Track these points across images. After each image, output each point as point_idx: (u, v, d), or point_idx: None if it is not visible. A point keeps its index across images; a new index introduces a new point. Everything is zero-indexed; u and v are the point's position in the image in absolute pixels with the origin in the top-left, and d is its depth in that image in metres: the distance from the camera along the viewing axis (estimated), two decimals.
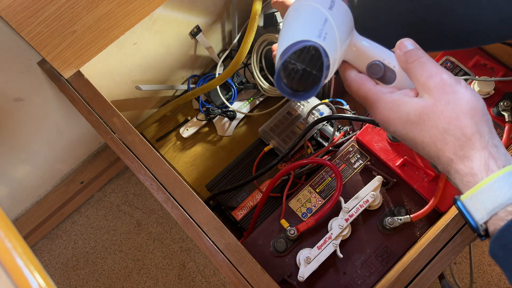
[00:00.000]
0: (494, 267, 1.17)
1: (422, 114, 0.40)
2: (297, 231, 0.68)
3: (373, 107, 0.44)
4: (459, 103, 0.39)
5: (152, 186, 0.64)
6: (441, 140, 0.39)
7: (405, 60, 0.43)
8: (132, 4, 0.71)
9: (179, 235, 1.23)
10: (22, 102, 0.83)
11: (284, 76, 0.43)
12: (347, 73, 0.48)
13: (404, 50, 0.44)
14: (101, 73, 0.80)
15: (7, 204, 1.08)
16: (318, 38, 0.41)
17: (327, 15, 0.43)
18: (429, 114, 0.40)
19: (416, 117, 0.41)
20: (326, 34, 0.42)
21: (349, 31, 0.46)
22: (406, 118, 0.41)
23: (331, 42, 0.42)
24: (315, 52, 0.42)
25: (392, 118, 0.42)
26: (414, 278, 0.58)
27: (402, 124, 0.42)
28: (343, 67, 0.48)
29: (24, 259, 0.33)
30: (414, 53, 0.43)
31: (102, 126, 0.69)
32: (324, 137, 0.90)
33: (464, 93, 0.40)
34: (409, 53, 0.43)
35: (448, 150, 0.39)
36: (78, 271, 1.21)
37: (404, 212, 0.69)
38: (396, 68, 0.45)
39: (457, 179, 0.39)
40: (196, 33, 0.92)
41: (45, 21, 0.63)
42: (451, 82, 0.40)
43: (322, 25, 0.42)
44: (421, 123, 0.40)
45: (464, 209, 0.38)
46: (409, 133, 0.42)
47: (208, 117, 1.01)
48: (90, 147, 1.16)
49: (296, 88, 0.44)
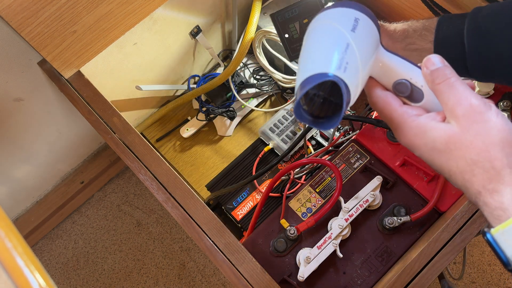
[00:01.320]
0: (494, 267, 1.17)
1: (449, 143, 0.38)
2: (297, 231, 0.68)
3: (398, 130, 0.42)
4: (490, 134, 0.37)
5: (152, 186, 0.64)
6: (468, 171, 0.38)
7: (432, 80, 0.40)
8: (132, 5, 0.71)
9: (179, 235, 1.23)
10: (22, 102, 0.83)
11: (305, 103, 0.42)
12: (372, 90, 0.45)
13: (431, 68, 0.40)
14: (101, 73, 0.80)
15: (8, 204, 1.08)
16: (337, 70, 0.39)
17: (349, 40, 0.40)
18: (456, 143, 0.38)
19: (443, 145, 0.39)
20: (347, 64, 0.39)
21: (374, 48, 0.44)
22: (432, 145, 0.39)
23: (352, 71, 0.40)
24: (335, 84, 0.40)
25: (418, 144, 0.40)
26: (414, 278, 0.58)
27: (428, 151, 0.40)
28: (369, 84, 0.46)
29: (24, 259, 0.33)
30: (442, 73, 0.40)
31: (102, 126, 0.69)
32: (324, 137, 0.90)
33: (495, 121, 0.37)
34: (436, 72, 0.40)
35: (476, 183, 0.37)
36: (78, 271, 1.21)
37: (404, 212, 0.69)
38: (424, 88, 0.42)
39: (486, 212, 0.38)
40: (196, 33, 0.92)
41: (45, 21, 0.63)
42: (481, 109, 0.38)
43: (344, 53, 0.40)
44: (448, 152, 0.38)
45: (495, 244, 0.36)
46: (435, 160, 0.40)
47: (208, 117, 1.01)
48: (90, 147, 1.16)
49: (317, 114, 0.42)
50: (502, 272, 1.17)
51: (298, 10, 0.63)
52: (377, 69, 0.44)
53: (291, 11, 0.63)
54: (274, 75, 0.95)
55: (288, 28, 0.62)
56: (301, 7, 0.63)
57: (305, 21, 0.63)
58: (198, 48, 0.99)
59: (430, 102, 0.42)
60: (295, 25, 0.62)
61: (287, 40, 0.61)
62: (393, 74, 0.44)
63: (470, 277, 1.16)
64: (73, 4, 0.63)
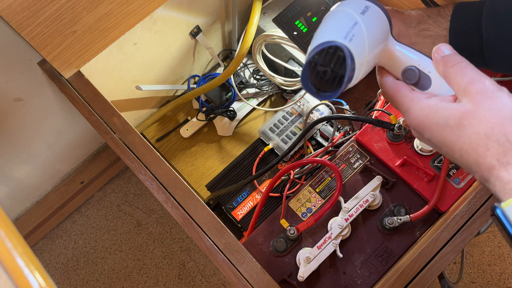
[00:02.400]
0: (494, 267, 1.17)
1: (462, 119, 0.39)
2: (297, 231, 0.68)
3: (408, 113, 0.43)
4: (504, 109, 0.38)
5: (152, 186, 0.64)
6: (482, 146, 0.38)
7: (443, 64, 0.42)
8: (132, 5, 0.71)
9: (179, 235, 1.23)
10: (22, 102, 0.83)
11: (311, 75, 0.44)
12: (383, 79, 0.47)
13: (441, 55, 0.42)
14: (101, 73, 0.80)
15: (8, 204, 1.08)
16: (344, 39, 0.42)
17: (358, 19, 0.44)
18: (469, 119, 0.38)
19: (456, 122, 0.39)
20: (353, 36, 0.42)
21: (383, 36, 0.46)
22: (444, 123, 0.40)
23: (359, 45, 0.42)
24: (341, 54, 0.42)
25: (429, 124, 0.41)
26: (414, 278, 0.58)
27: (439, 130, 0.40)
28: (380, 73, 0.48)
29: (24, 259, 0.33)
30: (453, 58, 0.41)
31: (103, 126, 0.69)
32: (324, 137, 0.90)
33: (507, 99, 0.38)
34: (448, 57, 0.42)
35: (489, 156, 0.37)
36: (78, 271, 1.21)
37: (404, 212, 0.69)
38: (431, 74, 0.45)
39: (498, 186, 0.37)
40: (196, 33, 0.92)
41: (45, 21, 0.63)
42: (494, 88, 0.39)
43: (351, 28, 0.43)
44: (461, 129, 0.39)
45: (504, 218, 0.36)
46: (447, 139, 0.40)
47: (208, 117, 1.01)
48: (90, 147, 1.16)
49: (320, 87, 0.45)
50: (502, 272, 1.17)
51: (299, 6, 0.64)
52: (386, 58, 0.47)
53: (293, 10, 0.63)
54: (275, 79, 0.95)
55: (294, 26, 0.62)
56: (300, 3, 0.63)
57: (309, 14, 0.64)
58: (198, 48, 0.99)
59: (437, 88, 0.44)
60: (300, 20, 0.63)
61: (297, 37, 0.62)
62: (401, 61, 0.46)
63: (470, 277, 1.16)
64: (73, 4, 0.63)
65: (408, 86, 0.45)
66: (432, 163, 0.71)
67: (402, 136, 0.72)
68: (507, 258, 1.18)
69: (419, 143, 0.71)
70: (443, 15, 0.56)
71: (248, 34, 0.85)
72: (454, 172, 0.70)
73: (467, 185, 0.69)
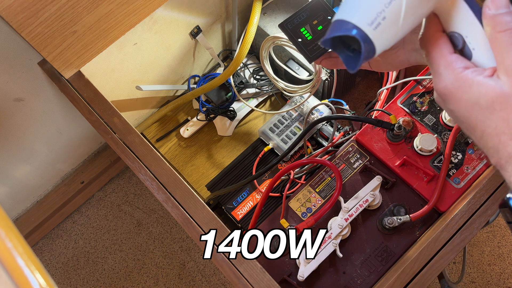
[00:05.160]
0: (494, 267, 1.17)
1: (495, 102, 0.35)
2: (297, 230, 0.68)
3: (440, 77, 0.39)
4: None
5: (153, 186, 0.64)
6: (507, 133, 0.35)
7: (493, 25, 0.35)
8: (133, 5, 0.71)
9: (179, 235, 1.23)
10: (22, 102, 0.83)
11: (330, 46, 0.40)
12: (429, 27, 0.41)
13: (494, 11, 0.35)
14: (101, 73, 0.80)
15: (8, 204, 1.08)
16: (368, 25, 0.36)
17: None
18: (503, 103, 0.35)
19: (487, 103, 0.35)
20: (383, 20, 0.36)
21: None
22: (474, 101, 0.36)
23: (387, 28, 0.36)
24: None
25: (458, 97, 0.37)
26: (414, 277, 0.58)
27: (467, 106, 0.37)
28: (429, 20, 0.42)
29: (24, 259, 0.33)
30: (506, 19, 0.34)
31: (103, 126, 0.69)
32: (324, 137, 0.90)
33: None
34: (499, 17, 0.34)
35: (511, 146, 0.35)
36: (78, 270, 1.21)
37: (404, 212, 0.69)
38: (475, 51, 0.39)
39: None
40: (196, 33, 0.92)
41: (45, 22, 0.63)
42: None
43: (384, 5, 0.36)
44: (491, 111, 0.35)
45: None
46: (472, 117, 0.37)
47: (208, 117, 1.01)
48: (91, 147, 1.17)
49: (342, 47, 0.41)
50: (502, 272, 1.17)
51: (305, 14, 0.64)
52: (442, 7, 0.40)
53: (299, 17, 0.64)
54: (278, 84, 0.95)
55: (299, 33, 0.62)
56: (307, 11, 0.63)
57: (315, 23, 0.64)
58: (198, 48, 0.99)
59: (478, 62, 0.39)
60: (306, 28, 0.63)
61: (301, 44, 0.62)
62: (453, 21, 0.40)
63: (470, 277, 1.16)
64: (74, 4, 0.63)
65: (450, 46, 0.40)
66: (432, 163, 0.71)
67: (401, 136, 0.72)
68: (507, 258, 1.18)
69: (418, 143, 0.71)
70: None
71: (248, 34, 0.85)
72: (454, 172, 0.70)
73: (467, 185, 0.69)
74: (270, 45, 0.90)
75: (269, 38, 0.88)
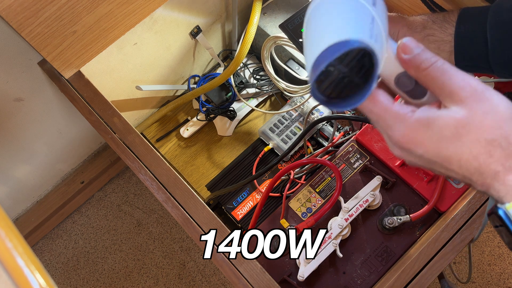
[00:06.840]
0: (494, 267, 1.17)
1: (458, 128, 0.35)
2: (297, 230, 0.68)
3: (393, 128, 0.38)
4: (498, 110, 0.35)
5: (152, 186, 0.64)
6: (484, 153, 0.35)
7: (416, 66, 0.36)
8: (133, 5, 0.71)
9: (179, 235, 1.23)
10: (22, 102, 0.83)
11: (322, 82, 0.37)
12: None
13: (410, 54, 0.36)
14: (101, 73, 0.80)
15: (8, 204, 1.08)
16: (370, 39, 0.33)
17: (373, 13, 0.35)
18: (466, 126, 0.35)
19: (452, 132, 0.36)
20: (377, 37, 0.34)
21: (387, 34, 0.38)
22: (438, 136, 0.36)
23: (381, 47, 0.35)
24: (362, 57, 0.35)
25: (421, 140, 0.37)
26: (414, 277, 0.58)
27: (434, 144, 0.37)
28: None
29: (24, 259, 0.33)
30: (426, 56, 0.36)
31: (103, 126, 0.69)
32: (324, 137, 0.90)
33: (497, 99, 0.36)
34: (418, 58, 0.36)
35: (493, 163, 0.35)
36: (78, 270, 1.21)
37: (404, 212, 0.69)
38: None
39: (502, 192, 0.35)
40: (196, 33, 0.92)
41: (45, 22, 0.63)
42: (482, 88, 0.36)
43: (371, 24, 0.34)
44: (458, 138, 0.35)
45: (506, 218, 0.35)
46: (443, 152, 0.36)
47: (208, 117, 1.01)
48: (91, 147, 1.17)
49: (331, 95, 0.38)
50: (502, 272, 1.17)
51: None
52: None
53: (300, 17, 0.64)
54: (279, 84, 0.95)
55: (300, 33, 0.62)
56: None
57: None
58: (198, 48, 0.99)
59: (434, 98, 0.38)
60: None
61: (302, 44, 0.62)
62: (398, 65, 0.38)
63: (470, 277, 1.17)
64: (73, 4, 0.63)
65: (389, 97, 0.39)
66: None
67: None
68: (507, 258, 1.18)
69: None
70: (448, 21, 0.54)
71: (248, 34, 0.85)
72: None
73: (467, 185, 0.69)
74: (271, 45, 0.90)
75: (270, 38, 0.88)
